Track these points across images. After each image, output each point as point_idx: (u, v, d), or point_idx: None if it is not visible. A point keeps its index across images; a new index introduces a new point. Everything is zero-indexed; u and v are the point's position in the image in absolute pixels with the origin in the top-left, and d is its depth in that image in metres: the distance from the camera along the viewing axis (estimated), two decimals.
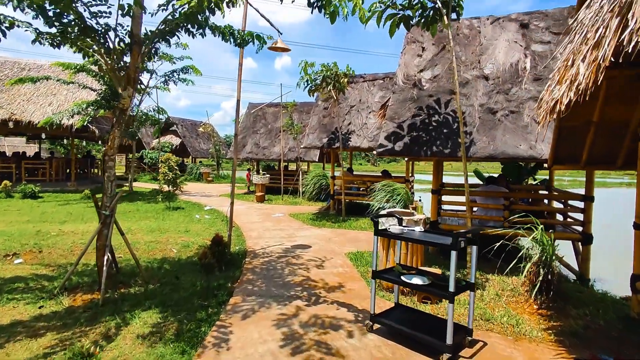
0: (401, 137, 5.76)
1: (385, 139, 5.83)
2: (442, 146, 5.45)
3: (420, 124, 5.82)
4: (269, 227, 8.97)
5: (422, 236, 3.41)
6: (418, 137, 5.69)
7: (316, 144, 10.62)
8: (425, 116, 5.89)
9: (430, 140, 5.61)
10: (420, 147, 5.60)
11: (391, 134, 5.84)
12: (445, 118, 5.76)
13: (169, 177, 11.73)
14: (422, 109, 5.99)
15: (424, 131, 5.74)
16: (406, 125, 5.86)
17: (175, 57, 15.13)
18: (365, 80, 11.52)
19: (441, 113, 5.83)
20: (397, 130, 5.86)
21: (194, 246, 7.09)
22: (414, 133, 5.75)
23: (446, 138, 5.52)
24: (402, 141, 5.73)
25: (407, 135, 5.75)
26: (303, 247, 7.08)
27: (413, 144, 5.67)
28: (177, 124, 24.70)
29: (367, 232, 8.53)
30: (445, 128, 5.66)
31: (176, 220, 10.00)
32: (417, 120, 5.88)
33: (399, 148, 5.66)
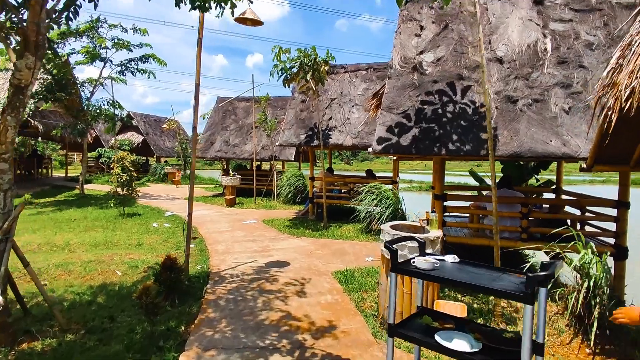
0: (406, 130, 4.67)
1: (386, 132, 4.71)
2: (460, 142, 4.40)
3: (430, 115, 4.75)
4: (240, 238, 7.68)
5: (468, 276, 2.29)
6: (428, 131, 4.62)
7: (293, 141, 9.42)
8: (433, 106, 4.82)
9: (444, 134, 4.54)
10: (432, 143, 4.53)
11: (392, 128, 4.73)
12: (460, 108, 4.71)
13: (123, 179, 10.15)
14: (427, 97, 4.92)
15: (435, 124, 4.67)
16: (411, 116, 4.77)
17: (133, 45, 13.46)
18: (347, 71, 10.41)
19: (454, 102, 4.79)
20: (400, 122, 4.76)
21: (143, 266, 5.72)
22: (423, 125, 4.67)
23: (464, 132, 4.48)
24: (408, 136, 4.64)
25: (414, 129, 4.66)
26: (280, 264, 5.86)
27: (422, 139, 4.58)
28: (139, 119, 22.68)
29: (353, 242, 7.42)
30: (461, 120, 4.62)
31: (129, 230, 8.50)
32: (425, 110, 4.81)
33: (405, 144, 4.56)
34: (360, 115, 9.43)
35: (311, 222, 9.42)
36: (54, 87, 11.90)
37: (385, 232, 3.69)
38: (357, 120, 9.36)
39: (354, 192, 9.68)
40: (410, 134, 4.67)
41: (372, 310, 4.12)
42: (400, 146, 4.59)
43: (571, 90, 4.51)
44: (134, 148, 21.89)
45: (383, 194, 7.89)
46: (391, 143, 4.64)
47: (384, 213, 7.66)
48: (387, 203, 7.77)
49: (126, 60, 13.27)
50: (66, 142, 19.59)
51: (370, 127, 9.13)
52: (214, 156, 14.67)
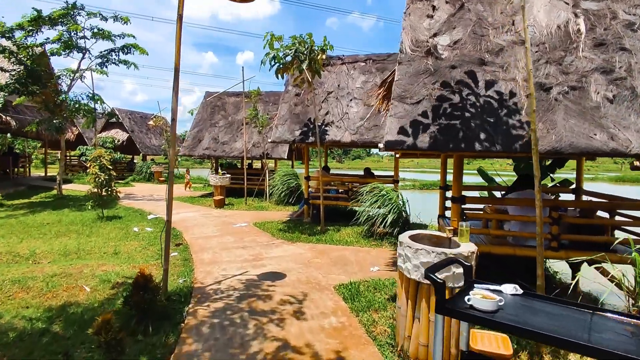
0: (422, 123, 4.00)
1: (399, 125, 4.03)
2: (487, 136, 3.74)
3: (449, 105, 4.09)
4: (229, 244, 6.94)
5: (547, 321, 1.61)
6: (447, 123, 3.95)
7: (287, 138, 8.70)
8: (453, 94, 4.16)
9: (466, 127, 3.89)
10: (453, 137, 3.87)
11: (406, 120, 4.05)
12: (484, 96, 4.06)
13: (101, 179, 9.31)
14: (445, 85, 4.26)
15: (455, 115, 4.01)
16: (427, 106, 4.11)
17: (115, 35, 12.55)
18: (344, 62, 9.72)
19: (477, 90, 4.13)
20: (414, 113, 4.08)
21: (117, 280, 4.96)
22: (441, 117, 4.01)
23: (490, 124, 3.83)
24: (424, 129, 3.96)
25: (430, 121, 3.99)
26: (275, 276, 5.16)
27: (441, 133, 3.92)
28: (124, 116, 21.67)
29: (354, 248, 6.75)
30: (486, 110, 3.96)
31: (106, 235, 7.70)
32: (443, 99, 4.15)
33: (421, 138, 3.89)
34: (359, 109, 8.75)
35: (307, 224, 8.73)
36: (26, 78, 10.97)
37: (406, 246, 3.02)
38: (355, 115, 8.68)
39: (352, 192, 9.02)
40: (427, 127, 4.00)
41: (387, 337, 3.45)
42: (416, 141, 3.92)
43: (613, 76, 3.89)
44: (118, 146, 20.90)
45: (385, 195, 7.23)
46: (405, 137, 3.96)
47: (387, 216, 7.01)
48: (390, 205, 7.12)
49: (106, 51, 12.37)
50: (45, 140, 18.54)
51: (371, 123, 8.47)
52: (202, 154, 13.86)
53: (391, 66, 9.31)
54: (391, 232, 7.08)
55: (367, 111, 8.65)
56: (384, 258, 6.09)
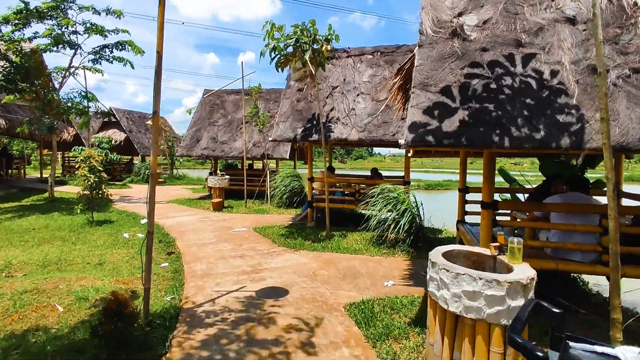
0: (450, 113, 3.35)
1: (423, 117, 3.38)
2: (530, 128, 3.09)
3: (481, 93, 3.44)
4: (226, 253, 6.30)
5: None
6: (480, 114, 3.30)
7: (289, 136, 8.06)
8: (485, 80, 3.51)
9: (503, 118, 3.23)
10: (489, 130, 3.21)
11: (431, 110, 3.40)
12: (523, 82, 3.41)
13: (91, 181, 8.70)
14: (476, 70, 3.60)
15: (490, 105, 3.36)
16: (455, 95, 3.46)
17: (108, 30, 11.94)
18: (350, 55, 9.07)
19: (513, 75, 3.48)
20: (440, 103, 3.44)
21: (97, 297, 4.33)
22: (472, 106, 3.36)
23: (540, 116, 3.17)
24: (453, 120, 3.31)
25: (460, 111, 3.34)
26: (276, 292, 4.51)
27: (474, 125, 3.26)
28: (121, 116, 21.08)
29: (363, 257, 6.10)
30: (526, 98, 3.31)
31: (94, 242, 7.09)
32: (474, 86, 3.50)
33: (450, 132, 3.24)
34: (367, 105, 8.10)
35: (310, 229, 8.08)
36: (14, 75, 10.38)
37: (441, 268, 2.37)
38: (363, 111, 8.03)
39: (359, 194, 8.38)
40: (457, 118, 3.35)
41: None
42: (444, 134, 3.26)
43: None
44: (116, 146, 20.31)
45: (398, 198, 6.58)
46: (430, 130, 3.31)
47: (399, 221, 6.35)
48: (402, 209, 6.46)
49: (99, 47, 11.76)
50: (39, 140, 17.98)
51: (380, 119, 7.81)
52: (200, 154, 13.24)
53: (400, 58, 8.66)
54: (404, 238, 6.42)
55: (376, 107, 8.00)
56: (397, 269, 5.44)
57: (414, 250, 6.37)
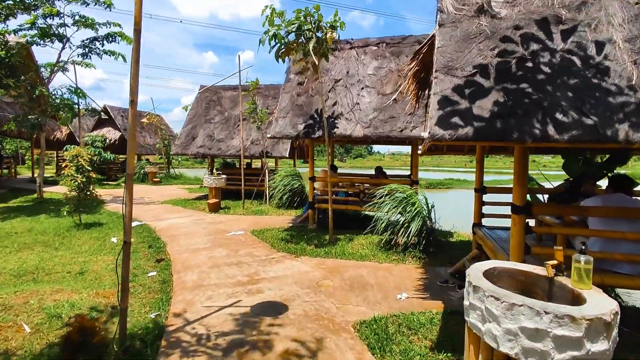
0: (482, 102, 2.81)
1: (448, 106, 2.84)
2: (589, 121, 2.56)
3: (517, 77, 2.91)
4: (220, 260, 5.77)
5: None
6: (518, 101, 2.77)
7: (289, 132, 7.52)
8: (521, 62, 2.98)
9: (553, 108, 2.70)
10: (530, 122, 2.68)
11: (458, 97, 2.87)
12: (566, 63, 2.88)
13: (78, 181, 8.15)
14: (509, 50, 3.07)
15: (529, 92, 2.82)
16: (486, 79, 2.92)
17: (99, 23, 11.37)
18: (354, 46, 8.53)
19: (554, 54, 2.95)
20: (469, 88, 2.90)
21: (72, 314, 3.79)
22: (508, 95, 2.82)
23: (590, 104, 2.64)
24: (485, 108, 2.78)
25: (493, 99, 2.80)
26: (274, 307, 3.98)
27: (512, 115, 2.73)
28: (116, 113, 20.50)
29: (371, 263, 5.57)
30: (576, 84, 2.78)
31: (78, 248, 6.56)
32: (509, 69, 2.97)
33: (484, 124, 2.71)
34: (372, 99, 7.56)
35: (312, 232, 7.55)
36: None
37: (488, 295, 1.83)
38: (368, 105, 7.49)
39: (364, 194, 7.85)
40: (490, 106, 2.81)
41: None
42: (475, 125, 2.72)
43: None
44: (110, 145, 19.74)
45: (408, 199, 6.05)
46: (458, 121, 2.77)
47: (410, 224, 5.82)
48: (413, 211, 5.93)
49: (88, 40, 11.19)
50: (31, 139, 17.41)
51: (386, 114, 7.28)
52: (196, 153, 12.69)
53: (407, 49, 8.12)
54: (415, 243, 5.89)
55: (382, 101, 7.47)
56: (410, 278, 4.90)
57: (426, 256, 5.84)
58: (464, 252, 6.07)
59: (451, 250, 6.24)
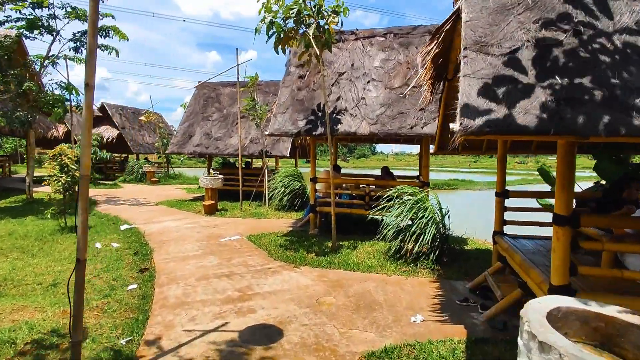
0: (525, 86, 2.20)
1: (482, 91, 2.23)
2: None
3: (566, 58, 2.30)
4: (210, 271, 5.18)
5: None
6: (570, 87, 2.16)
7: (289, 129, 6.92)
8: (573, 38, 2.37)
9: (613, 96, 2.09)
10: (584, 111, 2.07)
11: (494, 82, 2.26)
12: (630, 41, 2.26)
13: (62, 181, 7.59)
14: (556, 25, 2.46)
15: (596, 71, 2.22)
16: (529, 59, 2.32)
17: None
18: (359, 37, 7.92)
19: (617, 33, 2.33)
20: (507, 71, 2.29)
21: (26, 341, 3.22)
22: (556, 78, 2.21)
23: None
24: (527, 95, 2.17)
25: (539, 84, 2.20)
26: (266, 333, 3.38)
27: (563, 102, 2.12)
28: (114, 112, 19.99)
29: (379, 276, 4.96)
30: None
31: (58, 254, 6.01)
32: (558, 48, 2.36)
33: (528, 112, 2.11)
34: (379, 93, 6.95)
35: (313, 238, 6.95)
36: None
37: (563, 356, 1.22)
38: (374, 100, 6.88)
39: (369, 197, 7.24)
40: (532, 91, 2.20)
41: None
42: (513, 113, 2.12)
43: None
44: (107, 144, 19.24)
45: (420, 203, 5.43)
46: (494, 108, 2.16)
47: (422, 231, 5.21)
48: (426, 217, 5.32)
49: (79, 33, 10.64)
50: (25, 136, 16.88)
51: (394, 110, 6.66)
52: (193, 151, 12.12)
53: (417, 40, 7.51)
54: (427, 252, 5.28)
55: (389, 96, 6.86)
56: (424, 296, 4.29)
57: (439, 266, 5.23)
58: (481, 263, 5.45)
59: (467, 260, 5.62)
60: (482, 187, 25.29)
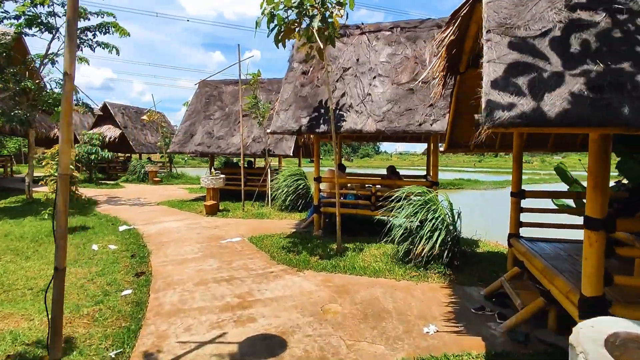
0: (555, 74, 1.92)
1: (508, 78, 1.96)
2: None
3: (602, 42, 2.03)
4: (209, 275, 4.93)
5: None
6: (608, 73, 1.88)
7: (291, 127, 6.66)
8: (609, 20, 2.09)
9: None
10: (625, 100, 1.79)
11: (524, 67, 1.98)
12: None
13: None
14: (593, 5, 2.18)
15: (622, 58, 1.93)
16: (560, 43, 2.04)
17: (91, 13, 10.64)
18: (364, 32, 7.64)
19: None
20: (537, 57, 2.02)
21: (8, 353, 2.99)
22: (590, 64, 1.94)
23: None
24: (559, 82, 1.89)
25: (571, 71, 1.92)
26: (268, 346, 3.13)
27: (600, 91, 1.84)
28: (116, 111, 19.84)
29: (387, 280, 4.69)
30: None
31: (52, 257, 5.74)
32: (590, 30, 2.08)
33: (560, 102, 1.83)
34: (385, 89, 6.67)
35: (317, 240, 6.69)
36: None
37: None
38: (381, 96, 6.61)
39: (375, 197, 6.96)
40: (562, 79, 1.93)
41: None
42: (541, 104, 1.84)
43: None
44: (110, 143, 19.10)
45: (430, 204, 5.15)
46: (527, 99, 1.89)
47: (433, 234, 4.93)
48: (436, 218, 5.03)
49: (79, 30, 10.43)
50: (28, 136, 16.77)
51: (402, 106, 6.38)
52: (194, 151, 11.91)
53: (425, 34, 7.22)
54: (438, 255, 5.00)
55: (396, 91, 6.58)
56: (436, 303, 4.02)
57: (451, 271, 4.94)
58: (495, 267, 5.17)
59: (479, 263, 5.33)
60: (488, 186, 24.92)
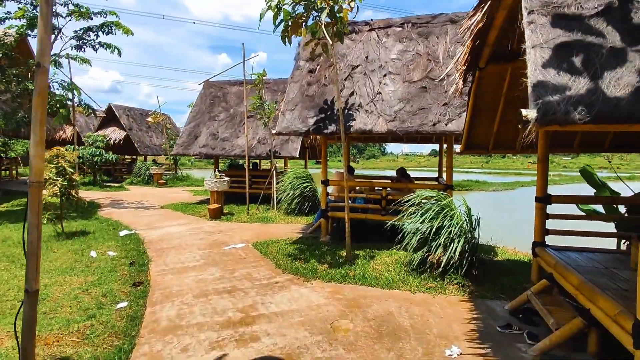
0: (621, 52, 1.58)
1: (561, 63, 1.62)
2: None
3: None
4: (210, 285, 4.62)
5: None
6: None
7: (298, 128, 6.35)
8: None
9: None
10: None
11: (580, 52, 1.64)
12: None
13: (59, 185, 7.16)
14: None
15: None
16: (629, 21, 1.69)
17: (94, 12, 10.46)
18: (374, 28, 7.30)
19: None
20: (599, 37, 1.67)
21: None
22: None
23: None
24: (629, 69, 1.54)
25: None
26: None
27: None
28: (121, 113, 19.71)
29: (401, 293, 4.35)
30: None
31: (48, 265, 5.54)
32: None
33: (627, 93, 1.48)
34: (397, 88, 6.33)
35: (325, 246, 6.36)
36: None
37: None
38: (392, 95, 6.27)
39: (386, 201, 6.62)
40: (629, 63, 1.58)
41: None
42: (621, 97, 1.50)
43: None
44: (115, 145, 18.96)
45: (446, 210, 4.79)
46: (589, 90, 1.55)
47: (450, 240, 4.57)
48: (454, 225, 4.67)
49: (81, 30, 10.26)
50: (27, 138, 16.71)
51: (414, 105, 6.04)
52: (198, 153, 11.65)
53: (438, 30, 6.87)
54: (456, 264, 4.64)
55: (409, 90, 6.24)
56: (457, 319, 3.66)
57: (470, 282, 4.58)
58: (517, 277, 4.79)
59: (500, 274, 4.96)
60: (497, 188, 24.39)
